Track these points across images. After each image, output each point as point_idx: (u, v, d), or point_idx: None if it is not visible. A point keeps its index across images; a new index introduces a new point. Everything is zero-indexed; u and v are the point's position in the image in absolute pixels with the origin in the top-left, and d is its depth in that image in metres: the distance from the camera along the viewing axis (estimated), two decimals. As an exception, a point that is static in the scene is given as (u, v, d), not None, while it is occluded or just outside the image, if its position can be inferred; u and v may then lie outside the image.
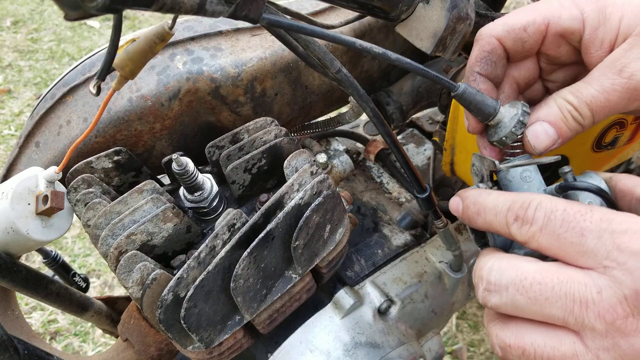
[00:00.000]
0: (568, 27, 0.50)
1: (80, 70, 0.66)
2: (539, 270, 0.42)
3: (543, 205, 0.42)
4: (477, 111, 0.49)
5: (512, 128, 0.49)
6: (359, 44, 0.45)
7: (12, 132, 2.36)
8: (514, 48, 0.51)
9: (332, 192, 0.57)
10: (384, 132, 0.55)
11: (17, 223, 0.58)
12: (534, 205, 0.43)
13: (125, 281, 0.53)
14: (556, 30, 0.50)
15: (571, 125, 0.48)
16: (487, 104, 0.49)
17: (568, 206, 0.41)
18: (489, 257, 0.46)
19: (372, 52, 0.46)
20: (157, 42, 0.46)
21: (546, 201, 0.43)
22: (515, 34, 0.51)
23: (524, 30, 0.50)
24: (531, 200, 0.43)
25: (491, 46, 0.51)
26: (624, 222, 0.39)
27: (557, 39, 0.51)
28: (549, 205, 0.42)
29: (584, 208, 0.41)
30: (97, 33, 3.00)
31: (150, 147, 0.68)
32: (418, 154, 1.13)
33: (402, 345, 0.74)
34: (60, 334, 1.69)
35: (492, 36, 0.51)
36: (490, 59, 0.51)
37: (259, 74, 0.69)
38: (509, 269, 0.43)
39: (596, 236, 0.39)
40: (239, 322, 0.57)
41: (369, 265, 0.83)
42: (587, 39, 0.49)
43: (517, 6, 2.97)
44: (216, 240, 0.53)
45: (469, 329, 1.73)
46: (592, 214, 0.40)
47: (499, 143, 0.51)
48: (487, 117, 0.49)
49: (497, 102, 0.49)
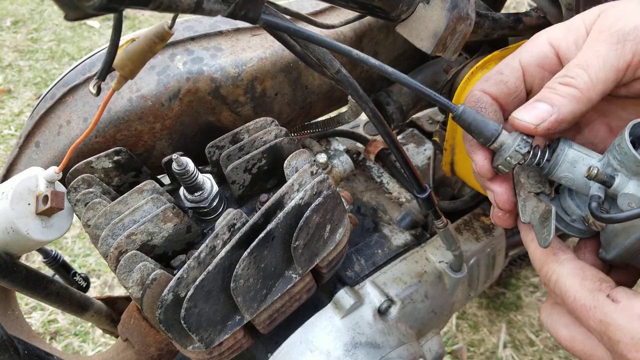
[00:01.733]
0: (539, 54, 0.51)
1: (80, 70, 0.66)
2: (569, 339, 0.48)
3: (559, 286, 0.47)
4: (478, 133, 0.48)
5: (515, 147, 0.47)
6: (356, 53, 0.45)
7: (12, 132, 2.36)
8: (499, 91, 0.52)
9: (332, 192, 0.57)
10: (383, 132, 0.55)
11: (17, 223, 0.58)
12: (553, 281, 0.48)
13: (125, 281, 0.53)
14: (529, 62, 0.51)
15: (563, 91, 0.46)
16: (489, 125, 0.48)
17: (578, 294, 0.45)
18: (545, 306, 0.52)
19: (369, 63, 0.45)
20: (157, 41, 0.46)
21: (562, 280, 0.47)
22: (494, 79, 0.52)
23: (500, 73, 0.52)
24: (552, 275, 0.48)
25: (476, 97, 0.52)
26: (617, 332, 0.42)
27: (537, 70, 0.51)
28: (563, 288, 0.47)
29: (589, 302, 0.44)
30: (97, 33, 3.00)
31: (150, 147, 0.68)
32: (418, 154, 1.13)
33: (402, 345, 0.74)
34: (60, 334, 1.68)
35: (473, 90, 0.53)
36: (479, 107, 0.51)
37: (259, 74, 0.69)
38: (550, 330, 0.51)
39: (598, 336, 0.44)
40: (239, 322, 0.57)
41: (369, 265, 0.83)
42: (562, 50, 0.50)
43: (517, 6, 2.96)
44: (216, 240, 0.53)
45: (469, 329, 1.73)
46: (594, 312, 0.44)
47: (504, 166, 0.49)
48: (489, 138, 0.48)
49: (499, 125, 0.48)
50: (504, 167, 0.49)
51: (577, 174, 0.47)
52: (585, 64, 0.46)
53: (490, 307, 1.78)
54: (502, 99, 0.52)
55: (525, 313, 1.76)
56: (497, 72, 0.52)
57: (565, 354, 1.65)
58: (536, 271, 0.52)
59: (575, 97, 0.46)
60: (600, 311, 0.43)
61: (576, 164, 0.47)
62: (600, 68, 0.46)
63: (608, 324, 0.42)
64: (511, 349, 1.67)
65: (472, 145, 0.52)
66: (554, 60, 0.51)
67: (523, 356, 1.65)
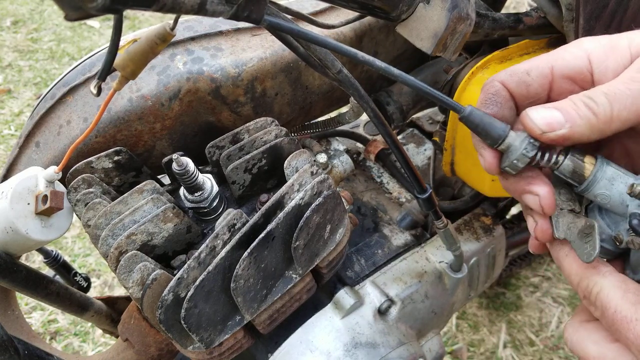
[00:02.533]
0: (574, 67, 0.49)
1: (80, 70, 0.66)
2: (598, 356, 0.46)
3: (600, 297, 0.46)
4: (485, 134, 0.47)
5: (522, 150, 0.46)
6: (361, 56, 0.44)
7: (12, 132, 2.36)
8: (518, 91, 0.50)
9: (333, 192, 0.57)
10: (384, 132, 0.55)
11: (17, 223, 0.58)
12: (594, 293, 0.47)
13: (125, 281, 0.53)
14: (562, 72, 0.49)
15: (582, 112, 0.45)
16: (496, 127, 0.47)
17: (619, 307, 0.44)
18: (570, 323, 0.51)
19: (374, 65, 0.45)
20: (159, 42, 0.46)
21: (604, 293, 0.46)
22: (518, 77, 0.50)
23: (527, 74, 0.50)
24: (593, 287, 0.47)
25: (495, 88, 0.50)
26: None
27: (566, 82, 0.50)
28: (605, 300, 0.45)
29: (630, 314, 0.43)
30: (97, 33, 3.00)
31: (150, 147, 0.68)
32: (418, 154, 1.13)
33: (402, 345, 0.74)
34: (60, 334, 1.68)
35: (494, 80, 0.51)
36: (495, 100, 0.50)
37: (259, 74, 0.69)
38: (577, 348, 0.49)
39: (636, 350, 0.43)
40: (239, 322, 0.57)
41: (369, 265, 0.83)
42: (598, 71, 0.48)
43: (517, 6, 2.96)
44: (216, 240, 0.53)
45: (469, 329, 1.73)
46: (635, 325, 0.42)
47: (511, 168, 0.48)
48: (496, 140, 0.47)
49: (507, 126, 0.47)
50: (511, 170, 0.48)
51: (614, 191, 0.47)
52: (613, 97, 0.45)
53: (490, 307, 1.78)
54: (518, 98, 0.51)
55: (525, 313, 1.76)
56: (525, 71, 0.50)
57: (565, 354, 1.65)
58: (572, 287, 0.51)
59: (590, 122, 0.45)
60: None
61: (614, 182, 0.47)
62: (625, 107, 0.45)
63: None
64: (511, 349, 1.67)
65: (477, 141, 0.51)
66: (587, 77, 0.49)
67: (523, 356, 1.65)
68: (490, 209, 1.01)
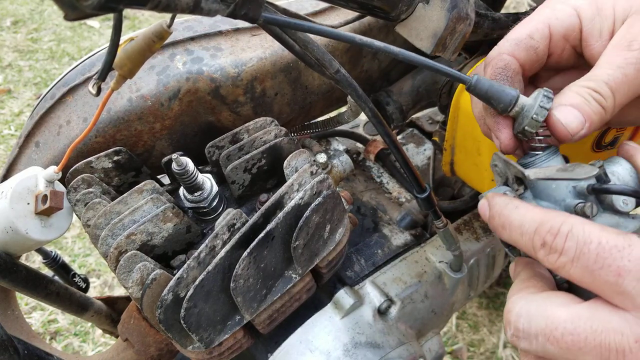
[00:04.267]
0: (568, 25, 0.49)
1: (80, 70, 0.66)
2: (570, 319, 0.39)
3: (575, 234, 0.39)
4: (496, 100, 0.46)
5: (533, 115, 0.45)
6: (359, 38, 0.44)
7: (12, 132, 2.36)
8: (529, 58, 0.49)
9: (332, 192, 0.57)
10: (383, 132, 0.55)
11: (16, 222, 0.58)
12: (564, 232, 0.39)
13: (125, 281, 0.53)
14: (558, 32, 0.49)
15: (595, 108, 0.46)
16: (505, 92, 0.46)
17: (604, 238, 0.38)
18: (517, 299, 0.43)
19: (374, 46, 0.44)
20: (156, 40, 0.46)
21: (578, 228, 0.39)
22: (525, 44, 0.49)
23: (531, 38, 0.49)
24: (561, 225, 0.39)
25: (504, 62, 0.49)
26: None
27: (560, 41, 0.50)
28: (581, 235, 0.38)
29: (621, 241, 0.37)
30: (97, 33, 3.00)
31: (150, 147, 0.68)
32: (418, 154, 1.13)
33: (402, 345, 0.74)
34: (60, 334, 1.69)
35: (502, 53, 0.50)
36: (505, 74, 0.49)
37: (259, 73, 0.69)
38: (538, 317, 0.40)
39: (635, 277, 0.36)
40: (239, 322, 0.57)
41: (369, 265, 0.83)
42: (586, 30, 0.49)
43: (517, 6, 2.97)
44: (216, 240, 0.53)
45: (469, 329, 1.73)
46: (630, 250, 0.37)
47: (522, 134, 0.47)
48: (507, 106, 0.46)
49: (517, 91, 0.46)
50: (530, 128, 0.46)
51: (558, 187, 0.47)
52: (615, 88, 0.45)
53: (490, 307, 1.78)
54: (527, 66, 0.50)
55: (525, 313, 1.76)
56: (529, 36, 0.49)
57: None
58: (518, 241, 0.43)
59: (601, 116, 0.46)
60: (638, 247, 0.36)
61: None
62: (624, 94, 0.46)
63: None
64: (511, 349, 1.67)
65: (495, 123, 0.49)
66: (577, 35, 0.49)
67: (523, 356, 1.65)
68: (490, 209, 1.01)
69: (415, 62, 0.46)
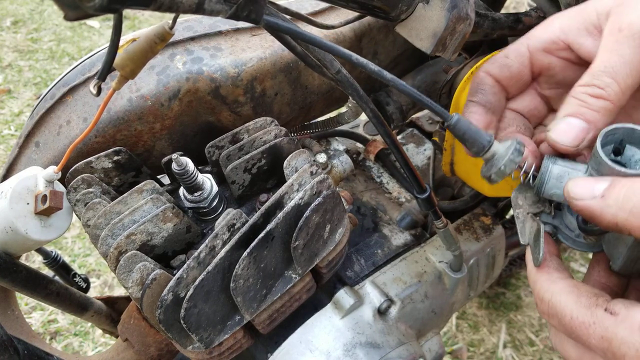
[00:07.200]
0: (547, 39, 0.51)
1: (80, 70, 0.66)
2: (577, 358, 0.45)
3: (553, 304, 0.44)
4: (470, 143, 0.48)
5: (509, 156, 0.46)
6: (356, 58, 0.45)
7: (12, 132, 2.36)
8: (502, 74, 0.54)
9: (332, 192, 0.57)
10: (383, 132, 0.55)
11: (16, 222, 0.58)
12: (546, 300, 0.45)
13: (125, 281, 0.53)
14: (536, 47, 0.52)
15: (595, 107, 0.45)
16: (481, 136, 0.47)
17: (574, 312, 0.42)
18: None
19: (368, 68, 0.46)
20: (158, 42, 0.46)
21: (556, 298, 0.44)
22: (499, 62, 0.54)
23: (505, 57, 0.54)
24: (544, 294, 0.45)
25: (479, 78, 0.55)
26: (621, 347, 0.39)
27: (543, 55, 0.52)
28: (558, 306, 0.44)
29: (587, 319, 0.41)
30: (97, 33, 3.00)
31: (150, 147, 0.68)
32: (418, 154, 1.13)
33: (402, 345, 0.74)
34: (60, 334, 1.69)
35: (479, 71, 0.56)
36: (480, 88, 0.54)
37: (259, 73, 0.69)
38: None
39: (602, 353, 0.41)
40: (238, 322, 0.57)
41: (369, 265, 0.83)
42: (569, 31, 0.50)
43: (517, 6, 2.96)
44: (216, 240, 0.53)
45: (469, 329, 1.73)
46: (594, 329, 0.41)
47: (497, 175, 0.48)
48: (480, 149, 0.47)
49: (491, 135, 0.48)
50: (497, 177, 0.48)
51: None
52: (613, 72, 0.45)
53: (490, 307, 1.78)
54: (504, 82, 0.54)
55: (525, 313, 1.76)
56: (504, 55, 0.54)
57: (565, 354, 1.65)
58: None
59: (607, 109, 0.45)
60: (600, 327, 0.40)
61: (562, 179, 0.47)
62: (628, 75, 0.45)
63: (610, 340, 0.39)
64: (511, 349, 1.67)
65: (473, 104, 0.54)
66: (561, 45, 0.51)
67: (523, 356, 1.65)
68: (490, 209, 1.01)
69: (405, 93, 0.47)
